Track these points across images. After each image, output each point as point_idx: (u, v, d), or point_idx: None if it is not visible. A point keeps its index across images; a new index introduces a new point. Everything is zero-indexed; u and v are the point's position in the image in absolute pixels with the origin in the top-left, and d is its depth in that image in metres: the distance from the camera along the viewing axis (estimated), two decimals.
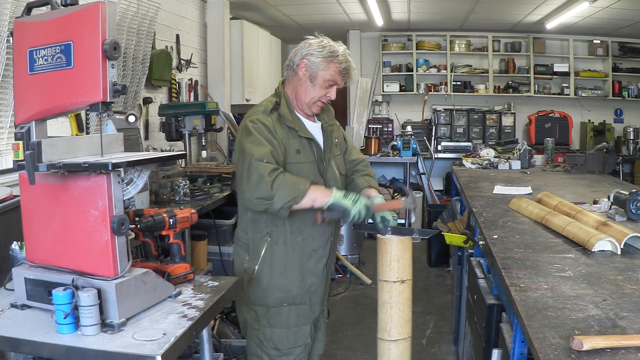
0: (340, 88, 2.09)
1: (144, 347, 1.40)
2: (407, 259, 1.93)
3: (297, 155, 2.02)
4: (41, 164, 1.49)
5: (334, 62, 2.01)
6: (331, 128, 2.20)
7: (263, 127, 1.96)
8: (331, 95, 2.06)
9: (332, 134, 2.19)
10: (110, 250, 1.52)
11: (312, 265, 2.10)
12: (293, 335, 2.09)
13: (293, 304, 2.09)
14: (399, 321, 1.92)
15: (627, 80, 7.37)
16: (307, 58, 2.01)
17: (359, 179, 2.22)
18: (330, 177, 2.11)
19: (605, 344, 1.19)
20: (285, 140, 2.00)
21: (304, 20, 6.92)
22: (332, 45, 2.03)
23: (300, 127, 2.06)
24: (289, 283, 2.07)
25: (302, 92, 2.05)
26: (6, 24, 2.62)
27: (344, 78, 2.05)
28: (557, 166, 4.43)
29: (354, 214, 1.88)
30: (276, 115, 2.03)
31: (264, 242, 2.05)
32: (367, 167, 2.31)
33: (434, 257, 5.45)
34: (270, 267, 2.06)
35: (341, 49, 2.04)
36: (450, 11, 6.37)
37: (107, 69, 1.47)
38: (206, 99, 5.45)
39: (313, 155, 2.07)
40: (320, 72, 2.01)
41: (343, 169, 2.22)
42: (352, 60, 2.07)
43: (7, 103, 2.76)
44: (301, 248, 2.07)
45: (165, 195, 3.26)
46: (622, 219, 2.35)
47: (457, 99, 7.48)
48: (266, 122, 1.98)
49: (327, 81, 2.03)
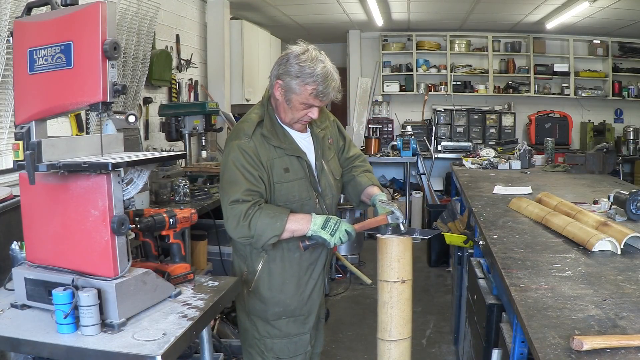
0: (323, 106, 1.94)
1: (144, 347, 1.40)
2: (408, 259, 1.93)
3: (286, 174, 1.94)
4: (41, 164, 1.49)
5: (307, 85, 1.84)
6: (323, 132, 2.09)
7: (242, 157, 1.88)
8: (312, 115, 1.92)
9: (325, 138, 2.09)
10: (110, 250, 1.52)
11: (308, 277, 2.09)
12: (294, 345, 2.09)
13: (292, 317, 2.08)
14: (399, 321, 1.92)
15: (627, 80, 7.37)
16: (282, 78, 1.88)
17: (360, 177, 2.15)
18: (324, 187, 2.04)
19: (605, 344, 1.19)
20: (270, 161, 1.92)
21: (304, 20, 6.92)
22: (308, 63, 1.84)
23: (287, 143, 1.96)
24: (287, 299, 2.05)
25: (282, 112, 1.95)
26: (6, 24, 2.62)
27: (321, 100, 1.88)
28: (557, 166, 4.43)
29: (334, 243, 1.87)
30: (259, 135, 1.93)
31: (261, 258, 2.02)
32: (366, 162, 2.23)
33: (434, 257, 5.46)
34: (268, 283, 2.03)
35: (319, 67, 1.84)
36: (450, 11, 6.37)
37: (107, 69, 1.47)
38: (206, 99, 5.45)
39: (303, 171, 1.98)
40: (294, 96, 1.87)
41: (338, 173, 2.13)
42: (335, 76, 1.87)
43: (7, 103, 2.76)
44: (298, 264, 2.04)
45: (165, 195, 3.26)
46: (622, 219, 2.35)
47: (457, 99, 7.48)
48: (247, 148, 1.89)
49: (302, 104, 1.89)
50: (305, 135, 2.04)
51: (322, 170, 2.05)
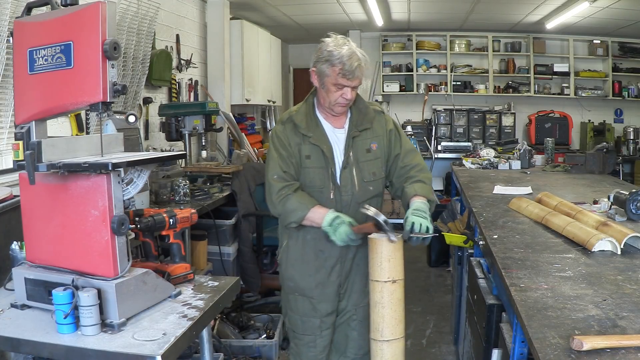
0: (356, 87, 2.08)
1: (144, 347, 1.40)
2: (399, 258, 1.92)
3: (307, 160, 2.12)
4: (41, 164, 1.49)
5: (335, 66, 2.01)
6: (360, 134, 2.16)
7: (276, 139, 2.15)
8: (345, 96, 2.06)
9: (362, 141, 2.16)
10: (110, 250, 1.52)
11: (319, 264, 2.18)
12: (302, 323, 2.25)
13: (302, 295, 2.22)
14: (390, 321, 1.91)
15: (627, 80, 7.37)
16: (316, 65, 2.08)
17: (408, 187, 2.15)
18: (345, 182, 2.12)
19: (605, 344, 1.19)
20: (297, 146, 2.13)
21: (304, 20, 6.92)
22: (333, 47, 2.03)
23: (314, 132, 2.12)
24: (297, 276, 2.21)
25: (321, 98, 2.13)
26: (6, 24, 2.62)
27: (349, 79, 2.03)
28: (557, 166, 4.43)
29: (338, 240, 1.99)
30: (292, 123, 2.15)
31: (286, 234, 2.23)
32: (420, 172, 2.20)
33: (434, 257, 5.45)
34: (286, 257, 2.23)
35: (344, 49, 2.02)
36: (450, 11, 6.37)
37: (107, 69, 1.47)
38: (206, 99, 5.45)
39: (323, 161, 2.12)
40: (326, 78, 2.05)
41: (371, 176, 2.17)
42: (359, 56, 2.03)
43: (7, 103, 2.76)
44: (311, 246, 2.17)
45: (165, 195, 3.26)
46: (622, 219, 2.35)
47: (457, 99, 7.48)
48: (280, 133, 2.15)
49: (334, 85, 2.05)
50: (340, 131, 2.17)
51: (346, 167, 2.13)
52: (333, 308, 2.24)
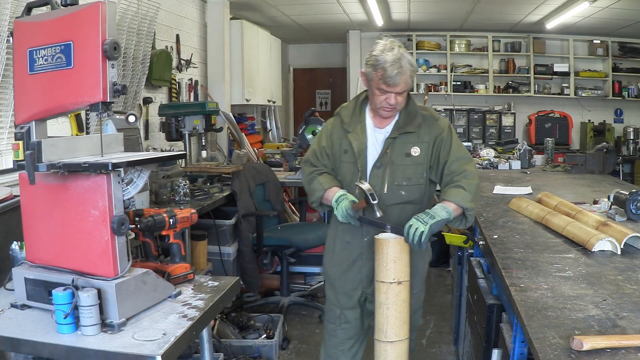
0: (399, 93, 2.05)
1: (144, 347, 1.40)
2: (404, 260, 1.92)
3: (344, 154, 2.21)
4: (41, 164, 1.49)
5: (377, 71, 2.03)
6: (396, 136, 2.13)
7: (323, 130, 2.32)
8: (389, 101, 2.06)
9: (402, 144, 2.13)
10: (110, 250, 1.52)
11: (344, 256, 2.25)
12: (328, 310, 2.36)
13: (329, 283, 2.33)
14: (395, 322, 1.91)
15: (627, 80, 7.36)
16: (365, 68, 2.12)
17: (444, 192, 2.11)
18: (375, 181, 2.11)
19: (605, 344, 1.19)
20: (339, 140, 2.23)
21: (304, 20, 6.92)
22: (380, 51, 2.03)
23: (354, 129, 2.19)
24: (327, 264, 2.32)
25: (370, 99, 2.18)
26: (6, 24, 2.62)
27: (389, 85, 2.02)
28: (557, 166, 4.43)
29: (340, 216, 2.08)
30: (339, 117, 2.26)
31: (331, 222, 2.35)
32: (462, 179, 2.10)
33: (434, 257, 5.37)
34: (326, 244, 2.36)
35: (389, 55, 2.00)
36: (450, 11, 6.37)
37: (107, 69, 1.47)
38: (206, 99, 5.45)
39: (354, 156, 2.18)
40: (371, 82, 2.09)
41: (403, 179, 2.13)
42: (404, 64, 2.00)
43: (7, 103, 2.76)
44: (340, 237, 2.26)
45: (165, 195, 3.26)
46: (622, 219, 2.35)
47: (457, 99, 7.48)
48: (328, 124, 2.31)
49: (378, 89, 2.07)
50: (382, 131, 2.19)
51: (379, 167, 2.13)
52: (352, 304, 2.26)
